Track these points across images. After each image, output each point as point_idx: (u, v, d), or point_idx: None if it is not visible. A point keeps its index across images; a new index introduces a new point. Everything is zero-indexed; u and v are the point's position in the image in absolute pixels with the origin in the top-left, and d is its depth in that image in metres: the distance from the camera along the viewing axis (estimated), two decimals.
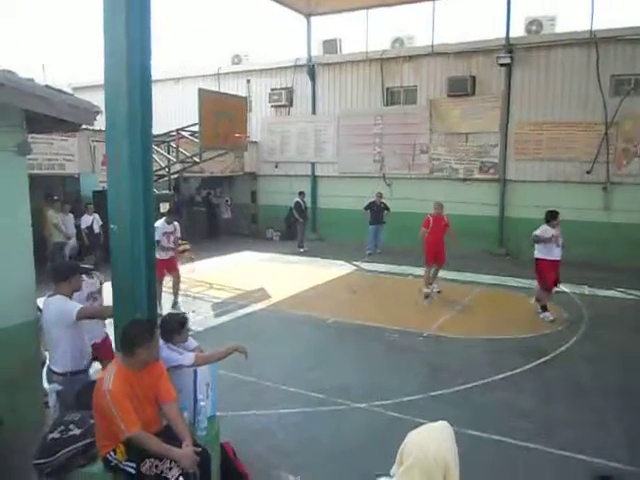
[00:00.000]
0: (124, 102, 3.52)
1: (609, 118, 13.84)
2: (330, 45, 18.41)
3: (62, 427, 3.62)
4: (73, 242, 12.63)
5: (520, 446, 5.10)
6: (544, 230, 8.99)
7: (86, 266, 5.04)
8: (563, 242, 9.04)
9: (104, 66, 3.61)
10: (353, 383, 6.56)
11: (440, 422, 2.07)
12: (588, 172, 14.20)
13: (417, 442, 1.97)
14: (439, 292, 11.02)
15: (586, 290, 11.25)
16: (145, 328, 3.44)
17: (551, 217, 9.06)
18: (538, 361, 7.33)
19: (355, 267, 13.98)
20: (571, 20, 15.23)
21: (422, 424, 2.10)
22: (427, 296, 10.64)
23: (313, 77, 18.05)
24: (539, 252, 9.06)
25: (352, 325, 8.99)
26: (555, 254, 8.99)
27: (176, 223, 9.73)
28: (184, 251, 9.63)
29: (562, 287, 9.67)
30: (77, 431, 3.57)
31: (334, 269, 13.51)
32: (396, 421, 5.50)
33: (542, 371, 7.07)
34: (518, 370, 6.99)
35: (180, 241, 9.80)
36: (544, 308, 9.17)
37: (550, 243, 8.88)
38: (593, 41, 13.88)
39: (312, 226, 18.01)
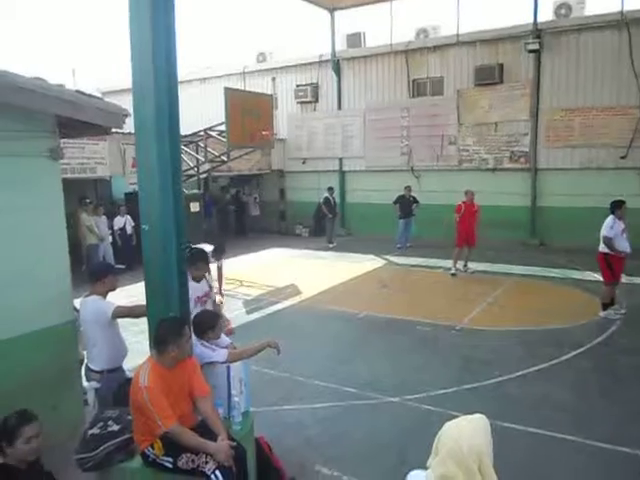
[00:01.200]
0: (151, 105, 3.57)
1: None
2: (354, 39, 18.34)
3: (101, 423, 3.72)
4: (106, 243, 12.95)
5: (557, 438, 5.02)
6: (613, 225, 8.27)
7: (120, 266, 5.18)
8: None
9: (131, 70, 3.66)
10: (386, 377, 6.55)
11: (477, 415, 2.06)
12: (623, 157, 13.83)
13: (452, 433, 1.97)
14: (473, 272, 11.93)
15: (624, 278, 10.94)
16: (175, 326, 3.50)
17: (616, 207, 8.38)
18: (574, 352, 7.19)
19: (385, 261, 13.93)
20: (601, 2, 14.76)
21: (456, 417, 2.10)
22: (454, 274, 11.82)
23: (338, 72, 18.01)
24: (609, 248, 8.35)
25: (383, 319, 8.97)
26: (625, 247, 8.35)
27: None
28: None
29: (598, 277, 9.40)
30: (116, 427, 3.66)
31: (364, 264, 13.48)
32: (430, 414, 5.48)
33: (579, 362, 6.93)
34: (554, 361, 6.87)
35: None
36: (606, 306, 8.65)
37: (620, 239, 8.26)
38: (624, 23, 13.48)
39: (341, 221, 18.01)
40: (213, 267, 10.00)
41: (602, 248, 8.44)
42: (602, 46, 13.91)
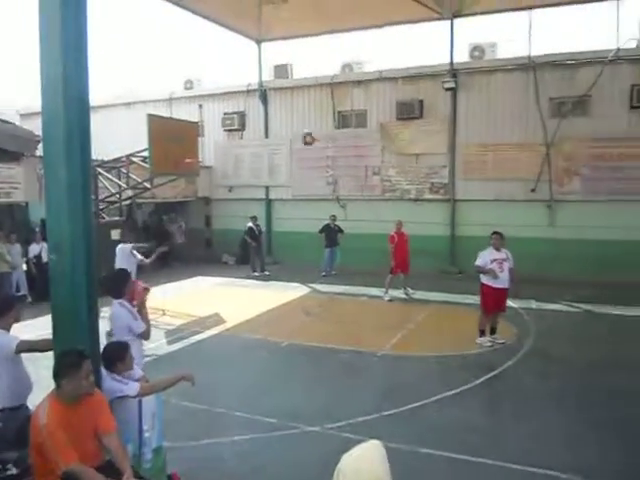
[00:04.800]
0: (61, 130, 3.48)
1: (549, 139, 14.49)
2: (281, 70, 18.67)
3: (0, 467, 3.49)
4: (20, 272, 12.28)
5: (471, 462, 5.17)
6: (486, 255, 8.60)
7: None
8: (511, 267, 8.58)
9: (41, 91, 3.57)
10: (307, 406, 6.54)
11: (371, 441, 2.10)
12: (532, 190, 14.76)
13: (350, 464, 2.00)
14: (413, 294, 12.71)
15: (533, 304, 11.60)
16: (72, 359, 3.34)
17: (490, 237, 8.75)
18: (488, 376, 7.49)
19: (310, 289, 14.01)
20: (511, 46, 15.90)
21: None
22: (391, 300, 12.35)
23: (265, 101, 18.22)
24: (483, 277, 8.66)
25: (307, 347, 8.98)
26: (500, 281, 8.50)
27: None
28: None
29: (510, 302, 9.78)
30: (14, 470, 3.45)
31: (289, 292, 13.49)
32: (350, 442, 5.39)
33: (492, 385, 7.24)
34: (469, 385, 7.12)
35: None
36: (481, 333, 8.89)
37: (493, 270, 8.42)
38: (531, 66, 14.58)
39: (267, 249, 17.97)
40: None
41: (480, 278, 8.77)
42: (512, 87, 14.92)
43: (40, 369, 5.00)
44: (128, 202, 14.97)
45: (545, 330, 9.75)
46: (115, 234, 13.59)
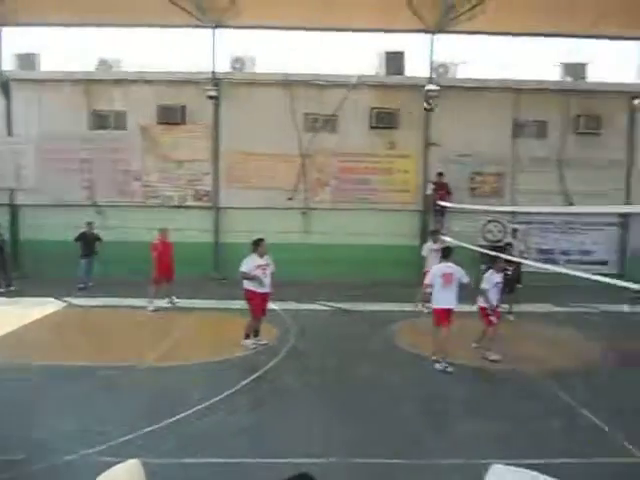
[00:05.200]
0: None
1: (304, 151, 15.76)
2: (26, 60, 16.68)
3: None
4: None
5: (235, 463, 5.37)
6: (250, 261, 8.91)
7: None
8: (272, 272, 9.05)
9: None
10: (61, 434, 5.95)
11: (129, 461, 2.09)
12: (290, 199, 15.87)
13: None
14: (178, 302, 12.54)
15: (293, 306, 12.44)
16: None
17: (254, 244, 9.06)
18: (252, 377, 7.84)
19: (66, 303, 12.82)
20: (271, 62, 16.75)
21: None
22: (156, 310, 11.94)
23: (7, 94, 16.15)
24: (248, 283, 8.95)
25: (61, 367, 8.20)
26: (265, 286, 8.94)
27: None
28: None
29: (272, 305, 10.30)
30: None
31: (40, 308, 12.13)
32: (110, 466, 5.19)
33: (256, 387, 7.59)
34: (235, 389, 7.34)
35: None
36: (247, 336, 9.19)
37: (258, 277, 8.82)
38: (288, 83, 15.67)
39: (14, 262, 15.89)
40: None
41: (244, 284, 9.07)
42: (271, 100, 15.84)
43: None
44: None
45: (304, 329, 10.54)
46: None
